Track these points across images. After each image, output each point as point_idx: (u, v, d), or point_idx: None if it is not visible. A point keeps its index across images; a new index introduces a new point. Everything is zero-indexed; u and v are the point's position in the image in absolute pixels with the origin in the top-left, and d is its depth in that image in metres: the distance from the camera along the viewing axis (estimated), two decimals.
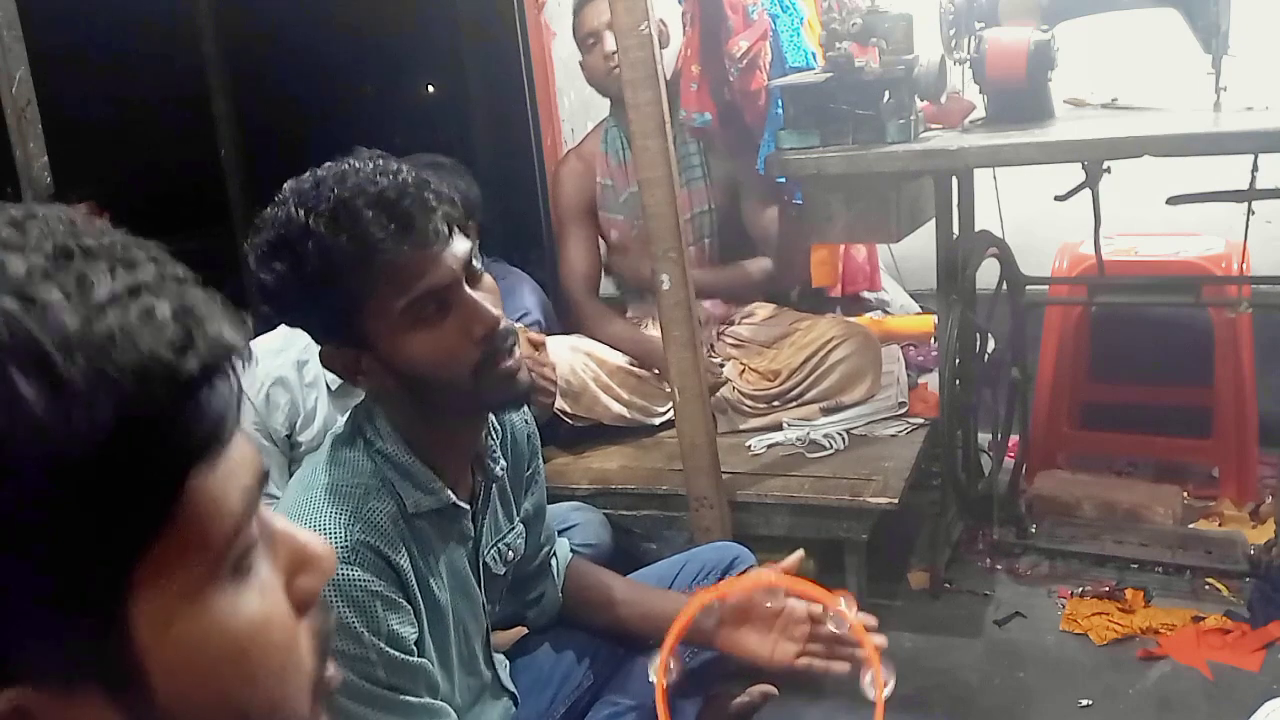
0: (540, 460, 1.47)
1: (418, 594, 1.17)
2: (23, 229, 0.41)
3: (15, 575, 0.37)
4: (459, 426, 1.24)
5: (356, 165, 1.10)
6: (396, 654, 1.12)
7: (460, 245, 1.13)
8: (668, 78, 2.09)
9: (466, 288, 1.13)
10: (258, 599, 0.46)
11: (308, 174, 1.11)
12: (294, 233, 1.07)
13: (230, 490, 0.43)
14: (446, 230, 1.12)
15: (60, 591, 0.38)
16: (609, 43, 2.43)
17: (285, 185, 1.11)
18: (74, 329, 0.38)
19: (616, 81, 2.44)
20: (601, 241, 2.67)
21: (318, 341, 1.18)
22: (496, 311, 1.15)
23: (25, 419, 0.37)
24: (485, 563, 1.32)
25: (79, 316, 0.38)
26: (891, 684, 1.18)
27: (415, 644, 1.16)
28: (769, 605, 1.41)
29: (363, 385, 1.20)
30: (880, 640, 1.30)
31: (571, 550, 1.61)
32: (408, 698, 1.14)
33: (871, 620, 1.34)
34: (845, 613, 1.26)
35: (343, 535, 1.11)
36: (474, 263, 1.16)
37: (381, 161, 1.11)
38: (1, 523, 0.36)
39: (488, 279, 1.18)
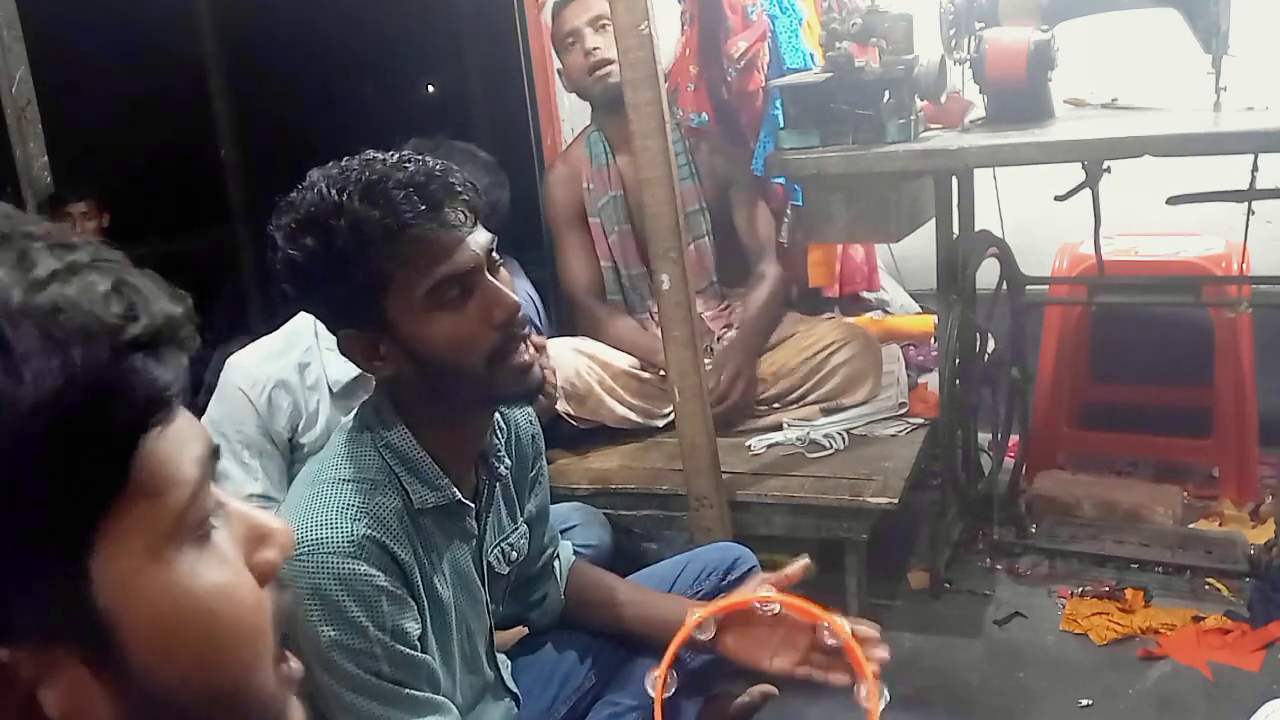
0: (544, 461, 1.47)
1: (421, 590, 1.18)
2: None
3: None
4: (469, 419, 1.25)
5: (382, 156, 1.14)
6: (400, 648, 1.13)
7: (483, 234, 1.16)
8: None
9: (488, 274, 1.16)
10: (219, 565, 0.48)
11: (332, 163, 1.14)
12: (326, 210, 1.09)
13: (183, 457, 0.45)
14: (471, 218, 1.15)
15: (26, 550, 0.39)
16: (589, 40, 2.43)
17: (310, 173, 1.14)
18: (18, 300, 0.40)
19: (598, 83, 2.44)
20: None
21: (336, 328, 1.19)
22: (516, 298, 1.18)
23: None
24: (489, 562, 1.32)
25: (22, 289, 0.40)
26: (886, 699, 1.18)
27: (418, 640, 1.17)
28: (765, 614, 1.42)
29: (379, 372, 1.20)
30: (883, 654, 1.29)
31: (572, 550, 1.62)
32: (411, 691, 1.14)
33: (874, 631, 1.33)
34: (840, 628, 1.26)
35: (349, 529, 1.11)
36: (494, 254, 1.18)
37: (407, 152, 1.15)
38: None
39: (504, 272, 1.21)
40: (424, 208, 1.10)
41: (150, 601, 0.43)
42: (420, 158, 1.14)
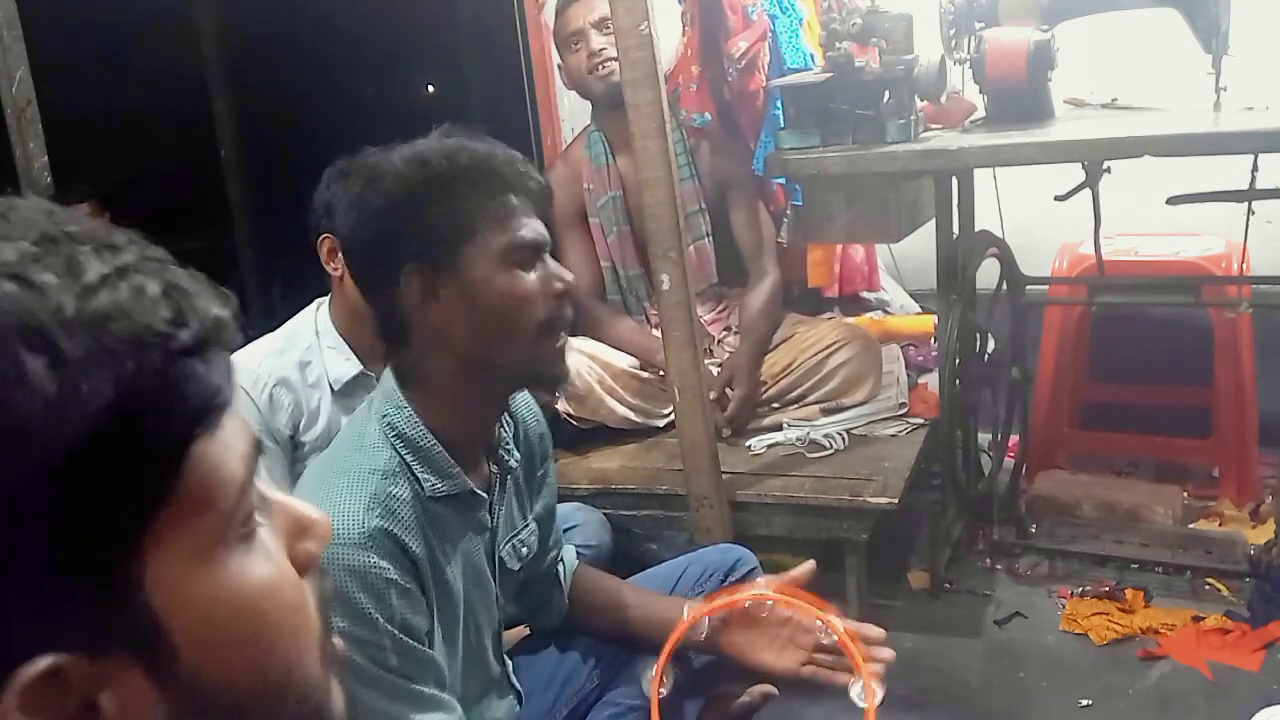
0: (552, 462, 1.47)
1: (431, 581, 1.18)
2: (5, 218, 0.43)
3: (34, 545, 0.39)
4: (484, 400, 1.26)
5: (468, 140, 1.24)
6: (409, 642, 1.13)
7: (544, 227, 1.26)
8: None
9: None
10: (265, 561, 0.48)
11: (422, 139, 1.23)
12: (442, 151, 1.19)
13: (230, 457, 0.46)
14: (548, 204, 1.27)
15: (76, 559, 0.40)
16: (594, 41, 2.42)
17: (400, 149, 1.21)
18: (71, 307, 0.40)
19: (601, 83, 2.44)
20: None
21: (403, 261, 1.17)
22: (574, 278, 1.27)
23: (34, 395, 0.38)
24: (501, 557, 1.32)
25: (74, 296, 0.40)
26: (880, 695, 1.18)
27: (426, 634, 1.17)
28: (764, 615, 1.42)
29: (427, 315, 1.19)
30: (888, 655, 1.29)
31: (575, 554, 1.61)
32: (418, 687, 1.14)
33: (879, 633, 1.33)
34: (835, 624, 1.26)
35: (361, 520, 1.11)
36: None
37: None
38: (17, 495, 0.38)
39: None
40: (526, 179, 1.22)
41: (200, 603, 0.44)
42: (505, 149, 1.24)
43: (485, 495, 1.27)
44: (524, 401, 1.42)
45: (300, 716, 0.49)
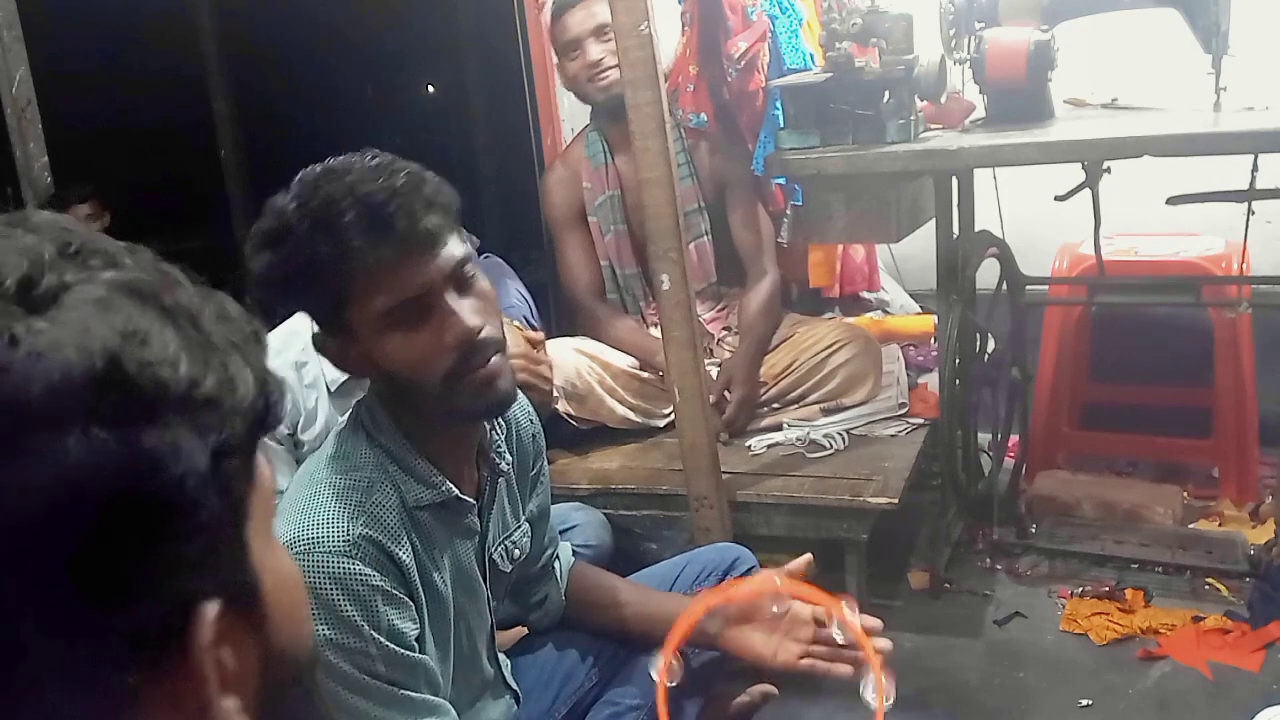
0: (545, 461, 1.47)
1: (419, 588, 1.18)
2: (117, 264, 0.49)
3: (191, 527, 0.47)
4: (450, 423, 1.25)
5: (356, 163, 1.12)
6: (396, 649, 1.13)
7: (449, 251, 1.14)
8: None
9: (448, 295, 1.14)
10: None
11: (318, 165, 1.13)
12: (281, 227, 1.10)
13: (267, 456, 0.55)
14: (437, 236, 1.12)
15: (219, 534, 0.48)
16: (591, 51, 2.41)
17: (300, 173, 1.13)
18: (206, 379, 0.48)
19: (600, 92, 2.44)
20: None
21: (315, 326, 1.20)
22: (475, 321, 1.15)
23: (184, 449, 0.46)
24: (493, 559, 1.32)
25: (199, 364, 0.48)
26: (893, 694, 1.18)
27: (416, 640, 1.17)
28: (773, 609, 1.42)
29: (352, 374, 1.24)
30: (885, 645, 1.30)
31: (572, 551, 1.62)
32: (407, 692, 1.14)
33: (877, 624, 1.34)
34: (848, 618, 1.26)
35: (345, 529, 1.11)
36: (466, 268, 1.16)
37: (381, 162, 1.12)
38: (189, 483, 0.46)
39: (482, 286, 1.19)
40: (374, 233, 1.08)
41: (273, 572, 0.52)
42: (393, 171, 1.11)
43: (473, 500, 1.26)
44: (518, 401, 1.41)
45: (301, 696, 0.56)
